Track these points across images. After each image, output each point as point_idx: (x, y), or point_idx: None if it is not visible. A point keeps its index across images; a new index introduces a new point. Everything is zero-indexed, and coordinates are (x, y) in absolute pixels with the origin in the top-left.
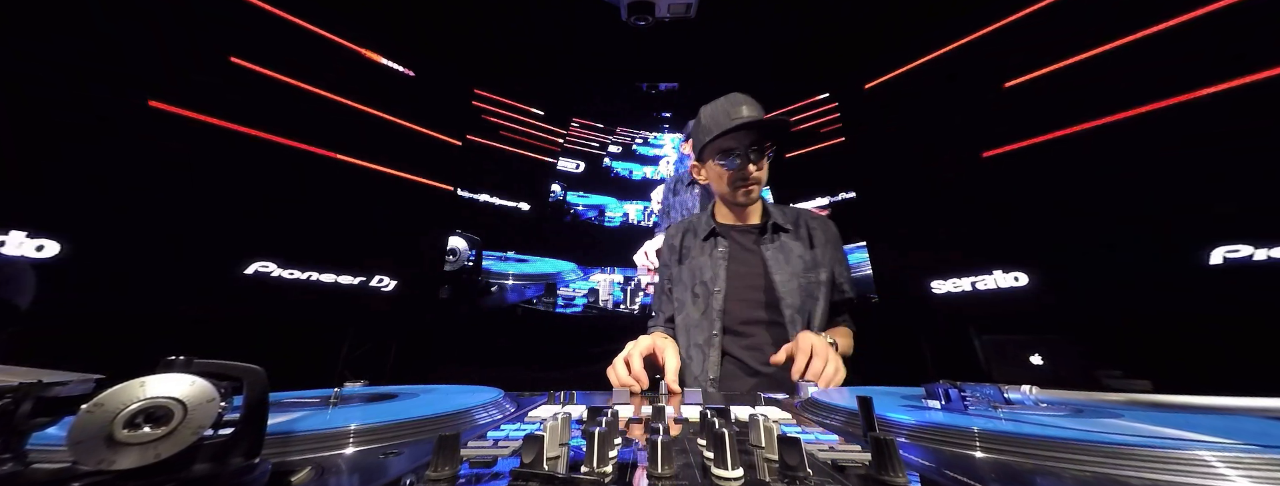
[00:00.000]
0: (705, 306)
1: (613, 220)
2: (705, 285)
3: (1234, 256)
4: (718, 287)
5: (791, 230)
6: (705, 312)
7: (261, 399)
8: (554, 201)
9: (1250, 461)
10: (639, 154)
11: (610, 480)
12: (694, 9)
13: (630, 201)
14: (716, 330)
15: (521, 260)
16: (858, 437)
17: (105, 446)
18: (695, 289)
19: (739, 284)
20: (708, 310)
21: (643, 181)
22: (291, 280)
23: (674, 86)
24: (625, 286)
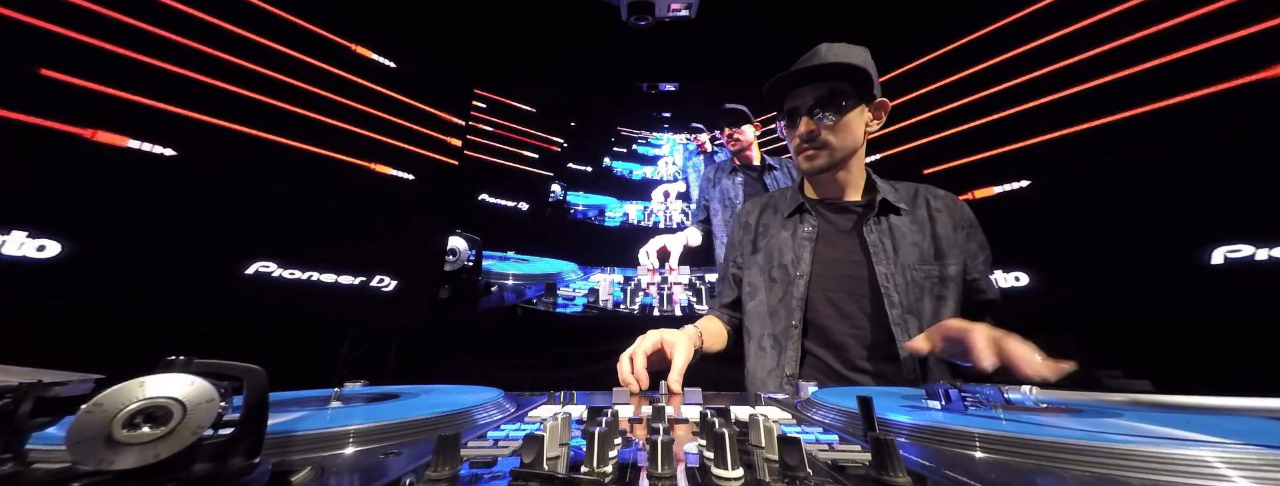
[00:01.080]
0: (783, 293)
1: (613, 220)
2: (784, 268)
3: (1235, 256)
4: (800, 271)
5: (907, 210)
6: (783, 299)
7: (261, 399)
8: (554, 201)
9: (1250, 461)
10: (639, 154)
11: (610, 480)
12: (694, 9)
13: (630, 201)
14: (795, 320)
15: (521, 260)
16: (858, 437)
17: (104, 446)
18: (772, 272)
19: (829, 272)
20: (786, 297)
21: (643, 181)
22: (292, 280)
23: (674, 86)
24: (625, 286)
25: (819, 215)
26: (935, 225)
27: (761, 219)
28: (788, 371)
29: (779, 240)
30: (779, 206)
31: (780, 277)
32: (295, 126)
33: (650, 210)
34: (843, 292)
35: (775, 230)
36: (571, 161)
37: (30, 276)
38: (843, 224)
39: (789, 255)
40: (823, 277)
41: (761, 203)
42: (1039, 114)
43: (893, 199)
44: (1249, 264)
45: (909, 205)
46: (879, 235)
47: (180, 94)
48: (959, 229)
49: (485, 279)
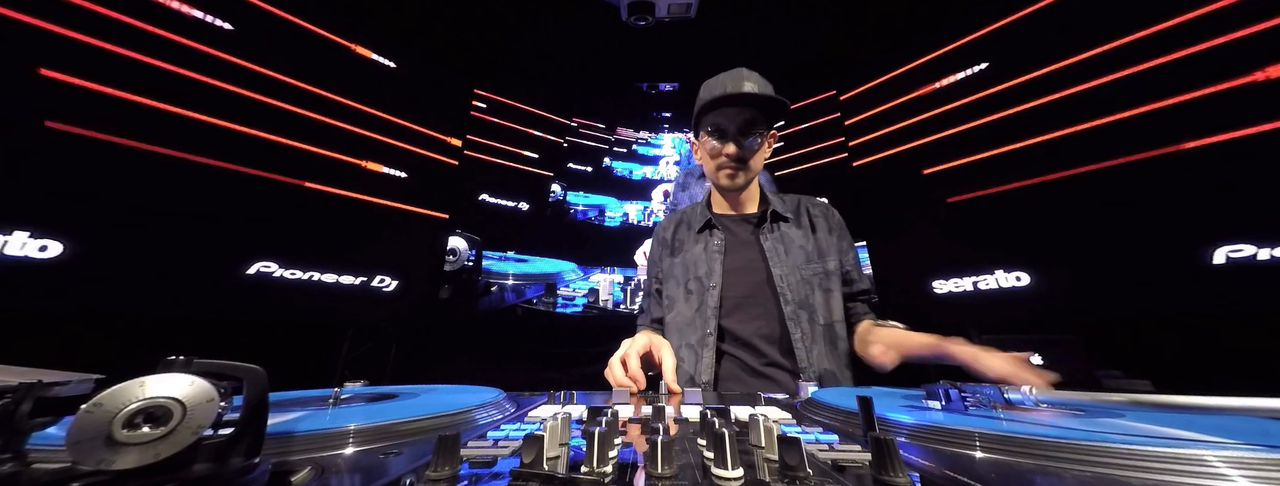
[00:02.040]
0: (699, 303)
1: (613, 220)
2: (699, 280)
3: (1237, 256)
4: (713, 283)
5: (792, 218)
6: (699, 309)
7: (261, 399)
8: (554, 201)
9: (1250, 461)
10: (639, 154)
11: (610, 480)
12: (694, 9)
13: (630, 201)
14: (711, 328)
15: (521, 260)
16: (858, 437)
17: (104, 446)
18: (688, 284)
19: (736, 279)
20: (702, 307)
21: (643, 181)
22: (293, 280)
23: (674, 86)
24: (625, 286)
25: (724, 228)
26: (815, 229)
27: (676, 234)
28: (704, 378)
29: (693, 254)
30: (691, 222)
31: (696, 289)
32: (295, 126)
33: (650, 210)
34: (748, 296)
35: (690, 245)
36: (571, 161)
37: (32, 276)
38: (743, 234)
39: (703, 267)
40: (732, 285)
41: (676, 219)
42: (1039, 113)
43: (781, 209)
44: (1251, 263)
45: (794, 214)
46: (773, 242)
47: (180, 93)
48: (833, 231)
49: (485, 279)
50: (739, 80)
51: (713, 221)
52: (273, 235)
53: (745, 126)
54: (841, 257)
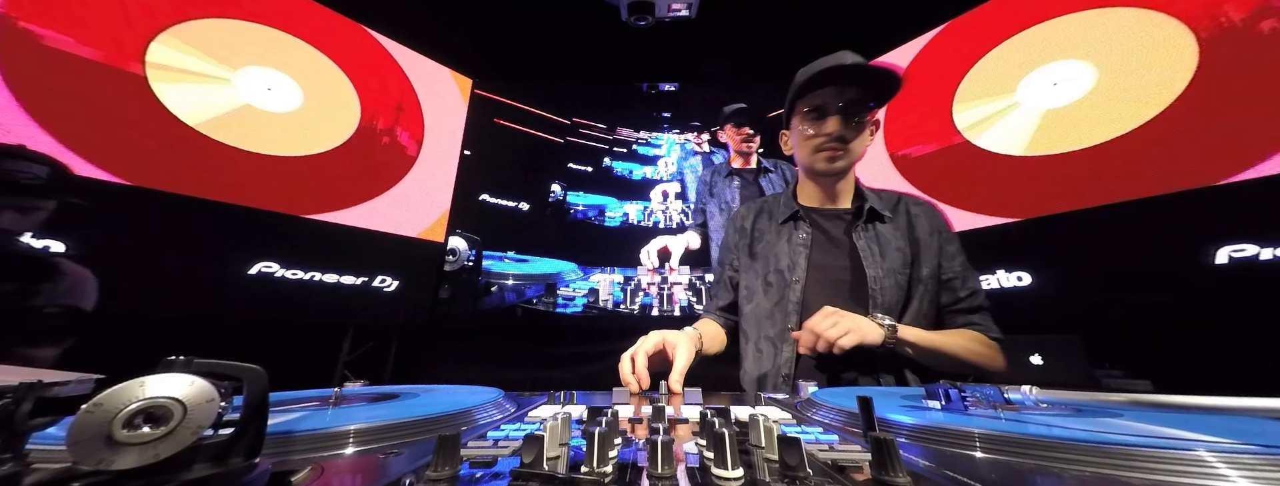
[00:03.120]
0: (779, 297)
1: (613, 220)
2: (781, 274)
3: (1240, 256)
4: (796, 277)
5: (890, 217)
6: (779, 303)
7: (261, 399)
8: (554, 201)
9: (1250, 461)
10: (639, 154)
11: (610, 480)
12: (694, 9)
13: (630, 201)
14: (792, 323)
15: (521, 260)
16: (858, 437)
17: (104, 446)
18: (768, 276)
19: (822, 276)
20: (783, 301)
21: (643, 181)
22: (294, 280)
23: (674, 86)
24: (625, 286)
25: (812, 222)
26: (914, 230)
27: (757, 224)
28: (784, 372)
29: (775, 246)
30: (774, 212)
31: (777, 282)
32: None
33: (650, 210)
34: (834, 296)
35: (771, 236)
36: (571, 161)
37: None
38: (833, 230)
39: (785, 261)
40: (816, 282)
41: (756, 207)
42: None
43: (878, 205)
44: (1254, 263)
45: (892, 211)
46: (867, 241)
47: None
48: (935, 234)
49: (485, 279)
50: (841, 57)
51: (800, 213)
52: (274, 235)
53: (849, 105)
54: (944, 262)
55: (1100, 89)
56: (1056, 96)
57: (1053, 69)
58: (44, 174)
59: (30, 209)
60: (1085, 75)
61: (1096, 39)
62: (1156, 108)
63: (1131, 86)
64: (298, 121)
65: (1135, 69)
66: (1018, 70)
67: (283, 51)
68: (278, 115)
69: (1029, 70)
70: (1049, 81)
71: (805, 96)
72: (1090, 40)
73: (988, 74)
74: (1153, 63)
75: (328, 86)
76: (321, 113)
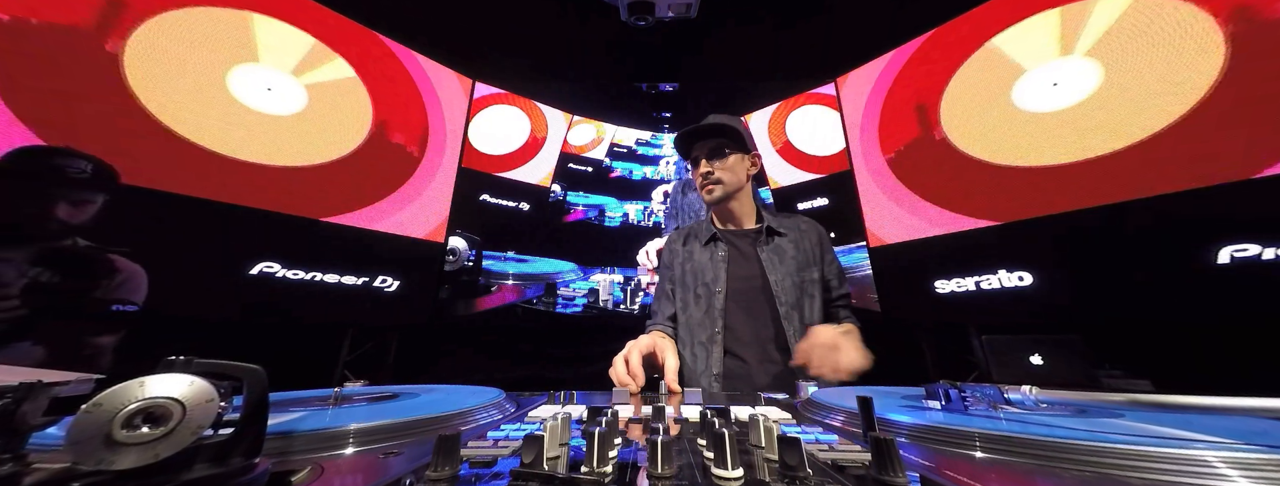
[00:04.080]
0: (707, 306)
1: (613, 220)
2: (707, 286)
3: (1242, 255)
4: (719, 288)
5: (786, 234)
6: (707, 312)
7: (261, 399)
8: (554, 201)
9: (1250, 461)
10: (639, 154)
11: (610, 480)
12: (694, 9)
13: (630, 201)
14: (718, 328)
15: (521, 260)
16: (858, 437)
17: (104, 446)
18: (697, 290)
19: (738, 285)
20: (710, 309)
21: (643, 181)
22: (295, 280)
23: (674, 86)
24: (625, 286)
25: (728, 241)
26: (804, 242)
27: (686, 245)
28: (715, 370)
29: (701, 262)
30: (699, 235)
31: (704, 294)
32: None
33: (650, 210)
34: (748, 300)
35: (698, 255)
36: (571, 162)
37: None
38: (744, 246)
39: (710, 275)
40: (735, 291)
41: (685, 232)
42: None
43: (775, 225)
44: (1257, 263)
45: (786, 229)
46: (769, 253)
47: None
48: (819, 245)
49: (485, 279)
50: (706, 120)
51: (718, 235)
52: (275, 235)
53: (712, 151)
54: (825, 268)
55: (1106, 90)
56: (1057, 98)
57: (1053, 68)
58: (89, 169)
59: (82, 202)
60: (1090, 74)
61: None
62: (1173, 114)
63: (1145, 88)
64: (301, 124)
65: (1150, 67)
66: (1018, 69)
67: (288, 49)
68: (278, 118)
69: (1029, 70)
70: (1049, 81)
71: (687, 151)
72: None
73: (987, 73)
74: (1171, 60)
75: (339, 88)
76: (332, 116)
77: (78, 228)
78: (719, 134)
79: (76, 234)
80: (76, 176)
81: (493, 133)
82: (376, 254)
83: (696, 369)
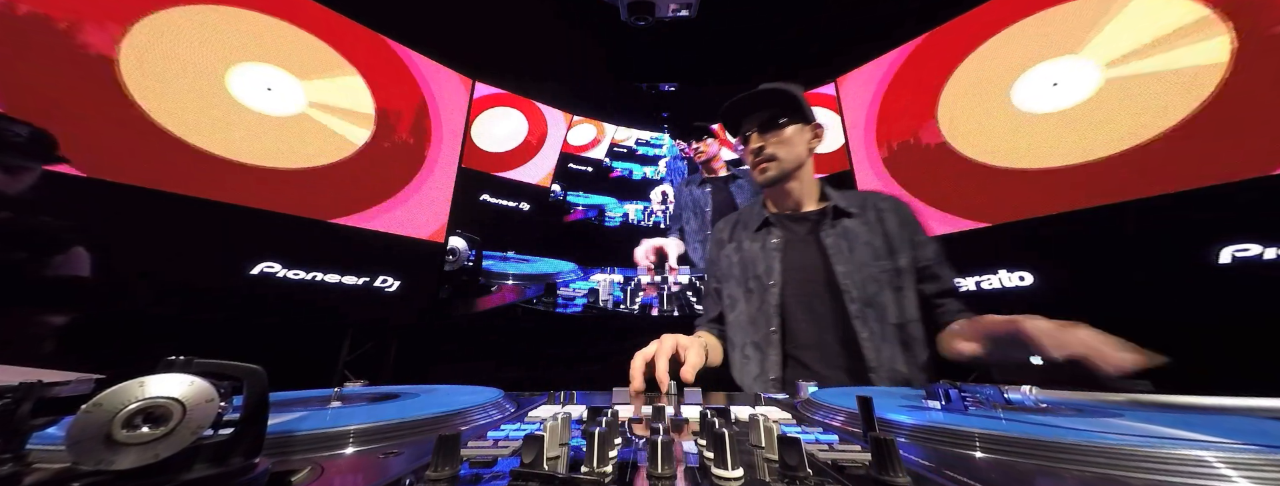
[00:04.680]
0: (760, 302)
1: (613, 220)
2: (758, 279)
3: (1243, 255)
4: (773, 281)
5: (857, 214)
6: (761, 308)
7: (261, 399)
8: (554, 201)
9: (1250, 461)
10: (639, 154)
11: (610, 480)
12: (694, 9)
13: (630, 201)
14: (774, 326)
15: (521, 260)
16: (858, 437)
17: (104, 446)
18: (748, 283)
19: (796, 278)
20: (764, 306)
21: (643, 181)
22: (296, 280)
23: (674, 86)
24: (625, 286)
25: (782, 226)
26: (884, 224)
27: (733, 235)
28: (771, 375)
29: (751, 253)
30: (748, 222)
31: (756, 288)
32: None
33: (650, 210)
34: (809, 296)
35: (748, 244)
36: (571, 162)
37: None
38: (801, 232)
39: (762, 266)
40: (792, 284)
41: (732, 220)
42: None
43: (844, 204)
44: (1257, 263)
45: (858, 209)
46: (835, 238)
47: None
48: (905, 226)
49: (485, 279)
50: (754, 87)
51: (770, 220)
52: (276, 235)
53: (763, 125)
54: (916, 252)
55: (1107, 90)
56: (1057, 98)
57: (1053, 67)
58: (25, 134)
59: (18, 169)
60: (1090, 74)
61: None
62: (1178, 114)
63: (1145, 88)
64: (301, 124)
65: (1151, 67)
66: (1017, 69)
67: (288, 49)
68: (278, 118)
69: (1028, 69)
70: (1049, 81)
71: (736, 126)
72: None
73: (986, 73)
74: (1172, 60)
75: (340, 88)
76: (332, 116)
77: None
78: (772, 102)
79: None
80: (12, 140)
81: (493, 133)
82: (377, 254)
83: (748, 374)
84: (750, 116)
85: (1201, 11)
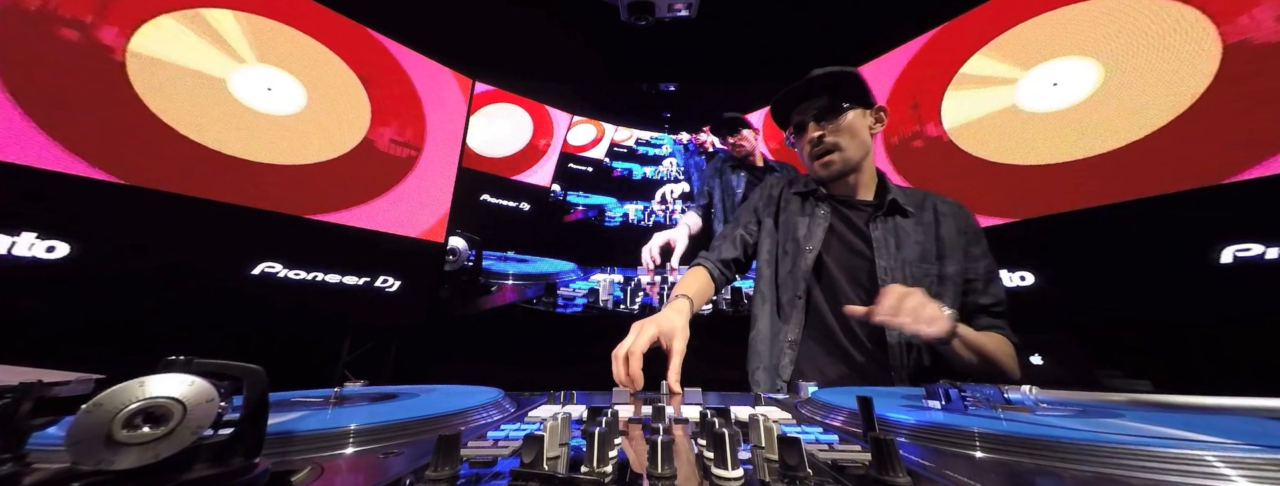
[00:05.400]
0: (792, 264)
1: (613, 220)
2: (796, 242)
3: (1245, 255)
4: (811, 246)
5: (914, 213)
6: (792, 271)
7: (261, 399)
8: (554, 201)
9: (1250, 461)
10: (639, 154)
11: (610, 480)
12: (694, 9)
13: (630, 201)
14: (800, 291)
15: (521, 260)
16: (858, 437)
17: (104, 446)
18: (785, 244)
19: (835, 256)
20: (795, 269)
21: (643, 181)
22: (297, 280)
23: (674, 86)
24: (625, 286)
25: (833, 207)
26: (939, 228)
27: (784, 194)
28: (789, 337)
29: (796, 216)
30: (800, 189)
31: (792, 250)
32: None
33: (650, 210)
34: (845, 278)
35: (794, 207)
36: (571, 162)
37: (41, 277)
38: (854, 218)
39: (803, 230)
40: (829, 261)
41: (786, 179)
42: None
43: (902, 200)
44: (1259, 263)
45: (917, 209)
46: (884, 232)
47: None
48: (962, 234)
49: (485, 279)
50: (808, 76)
51: (823, 194)
52: (277, 235)
53: (821, 113)
54: (967, 263)
55: (1106, 90)
56: (1057, 98)
57: (1053, 67)
58: None
59: None
60: (1089, 74)
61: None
62: (1172, 112)
63: (1143, 87)
64: (301, 125)
65: (1149, 66)
66: (1016, 69)
67: (288, 49)
68: (279, 117)
69: (1028, 68)
70: (1049, 81)
71: (786, 118)
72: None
73: (988, 73)
74: (1169, 59)
75: (336, 87)
76: (329, 115)
77: None
78: (829, 88)
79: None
80: None
81: (493, 133)
82: (377, 254)
83: (769, 331)
84: (803, 104)
85: (1195, 15)
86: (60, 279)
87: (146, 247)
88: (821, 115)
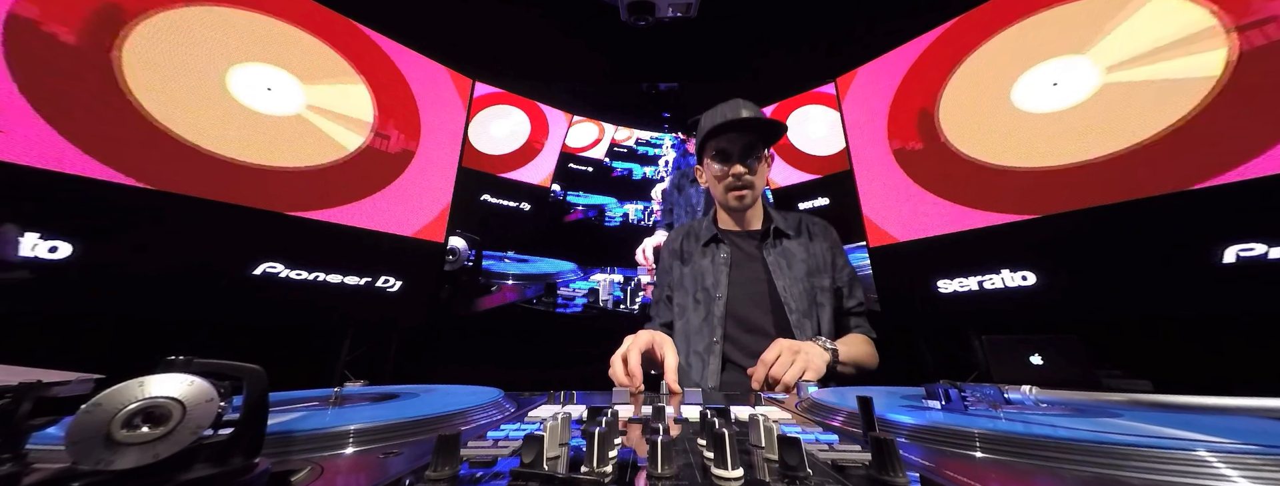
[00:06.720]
0: (706, 312)
1: (613, 220)
2: (707, 291)
3: (1248, 254)
4: (720, 294)
5: (794, 235)
6: (706, 318)
7: (261, 399)
8: (554, 201)
9: (1250, 461)
10: (639, 154)
11: (610, 480)
12: (694, 9)
13: (630, 201)
14: (717, 336)
15: (521, 260)
16: (858, 437)
17: (104, 446)
18: (696, 294)
19: (742, 290)
20: (709, 316)
21: (643, 181)
22: (298, 280)
23: (674, 86)
24: (625, 286)
25: (730, 243)
26: (814, 245)
27: (685, 246)
28: (710, 383)
29: (701, 266)
30: (699, 235)
31: (704, 299)
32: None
33: (650, 210)
34: (753, 307)
35: (697, 257)
36: (571, 161)
37: (41, 277)
38: (748, 249)
39: (710, 279)
40: (737, 297)
41: (684, 231)
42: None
43: (783, 226)
44: (1261, 263)
45: (794, 230)
46: (776, 256)
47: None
48: (831, 249)
49: (485, 279)
50: (737, 108)
51: (719, 236)
52: (278, 235)
53: (746, 149)
54: (836, 275)
55: (1107, 90)
56: (1057, 98)
57: (1053, 67)
58: None
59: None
60: (1090, 74)
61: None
62: (1178, 113)
63: (1145, 88)
64: (301, 124)
65: (1151, 67)
66: (1017, 69)
67: (288, 49)
68: (278, 117)
69: (1028, 68)
70: (1049, 81)
71: (711, 141)
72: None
73: (987, 73)
74: (1171, 61)
75: (339, 88)
76: (332, 116)
77: None
78: (763, 131)
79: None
80: None
81: (493, 133)
82: (378, 254)
83: (692, 378)
84: (733, 135)
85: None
86: (61, 279)
87: (143, 247)
88: (747, 153)
